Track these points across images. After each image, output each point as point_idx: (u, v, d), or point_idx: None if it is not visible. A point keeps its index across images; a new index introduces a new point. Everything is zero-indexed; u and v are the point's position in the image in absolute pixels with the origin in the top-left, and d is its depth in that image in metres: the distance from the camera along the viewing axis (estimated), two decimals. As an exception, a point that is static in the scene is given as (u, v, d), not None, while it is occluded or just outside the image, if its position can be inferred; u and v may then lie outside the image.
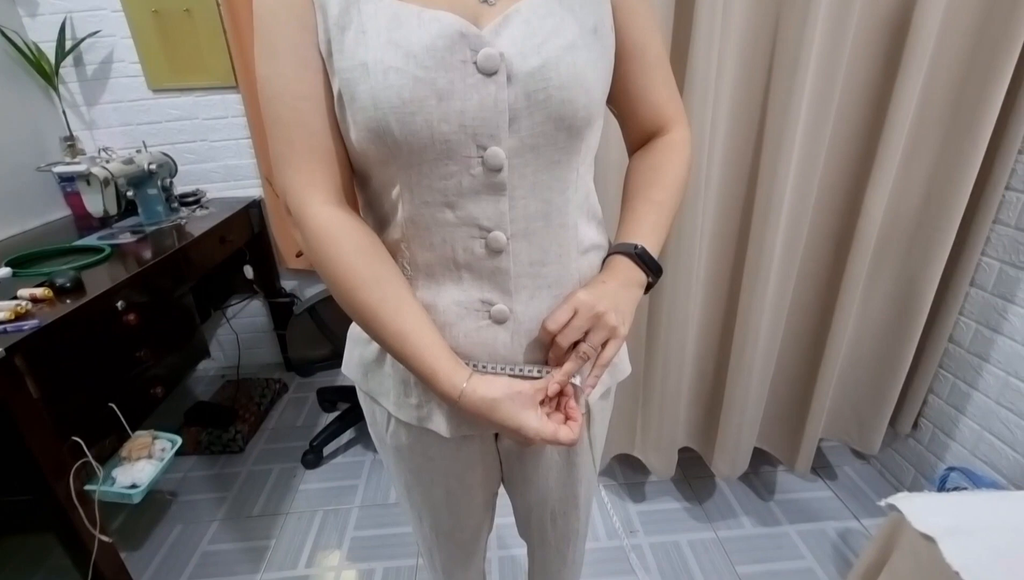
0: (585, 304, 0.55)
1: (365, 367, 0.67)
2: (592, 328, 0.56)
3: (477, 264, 0.55)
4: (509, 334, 0.58)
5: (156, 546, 1.52)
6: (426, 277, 0.57)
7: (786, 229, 1.15)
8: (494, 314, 0.57)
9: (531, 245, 0.55)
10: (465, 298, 0.56)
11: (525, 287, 0.57)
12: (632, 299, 0.60)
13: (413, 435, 0.67)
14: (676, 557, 1.43)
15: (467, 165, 0.51)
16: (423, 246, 0.56)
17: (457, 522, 0.78)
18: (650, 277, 0.61)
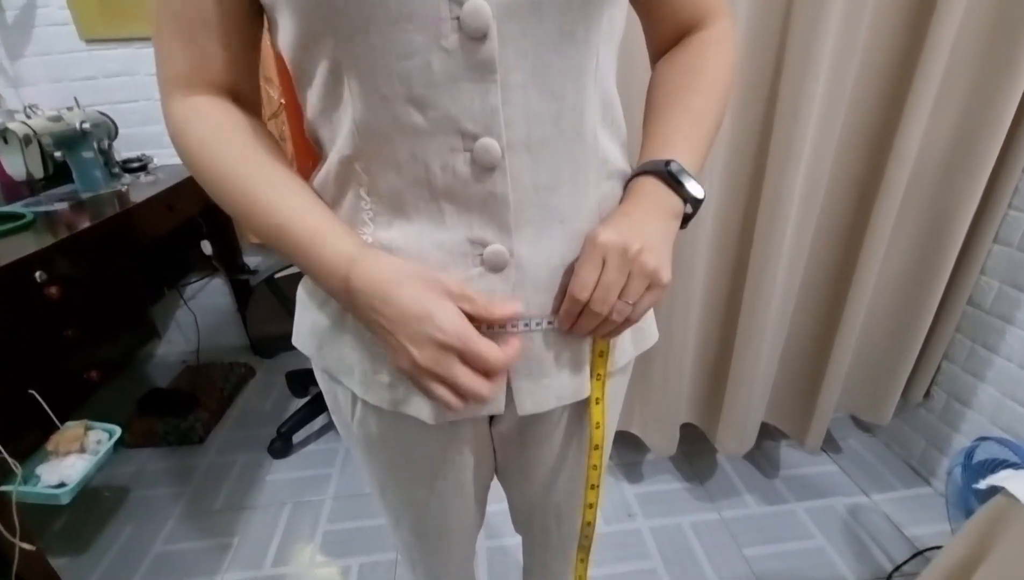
0: (614, 247, 0.41)
1: (319, 337, 0.52)
2: (630, 275, 0.42)
3: (462, 189, 0.41)
4: (510, 285, 0.44)
5: (103, 549, 1.37)
6: (393, 212, 0.43)
7: (806, 175, 1.02)
8: (488, 258, 0.43)
9: (536, 161, 0.41)
10: (448, 238, 0.43)
11: (530, 222, 0.43)
12: (667, 233, 0.45)
13: (386, 423, 0.53)
14: (679, 541, 1.33)
15: (436, 32, 0.36)
16: (385, 166, 0.41)
17: (442, 525, 0.64)
18: (687, 206, 0.47)
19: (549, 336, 0.47)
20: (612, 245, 0.42)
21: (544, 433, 0.57)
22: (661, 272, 0.43)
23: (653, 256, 0.42)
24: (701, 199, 0.46)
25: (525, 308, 0.45)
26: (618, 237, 0.42)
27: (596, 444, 0.53)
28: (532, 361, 0.47)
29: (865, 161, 1.06)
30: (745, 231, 1.13)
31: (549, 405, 0.50)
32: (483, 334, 0.42)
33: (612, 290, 0.42)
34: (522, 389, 0.48)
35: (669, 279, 0.44)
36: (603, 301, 0.42)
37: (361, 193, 0.43)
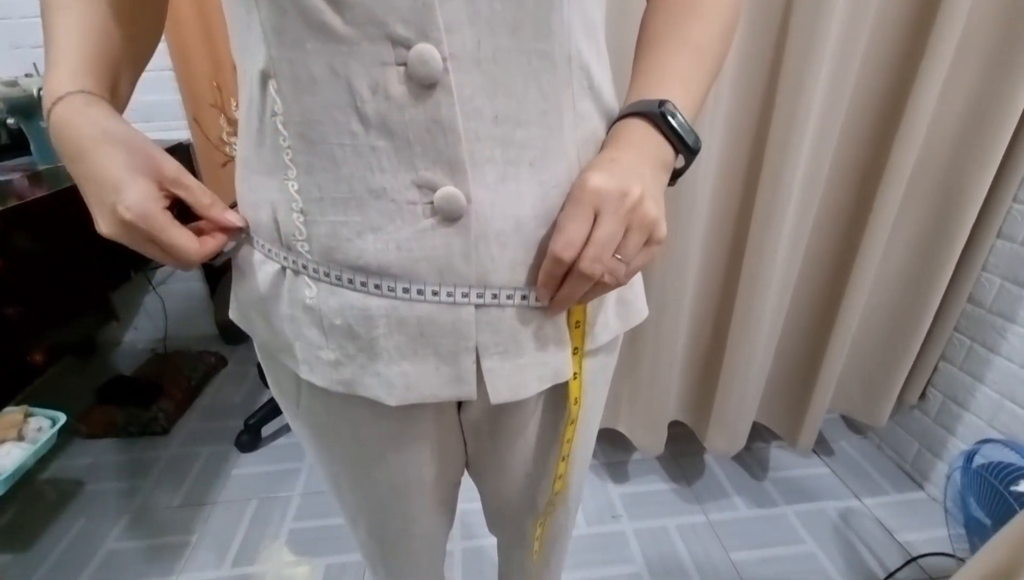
0: (610, 194, 0.34)
1: (255, 306, 0.44)
2: (628, 228, 0.35)
3: (398, 116, 0.33)
4: (468, 239, 0.36)
5: (50, 546, 1.27)
6: (313, 149, 0.35)
7: (808, 159, 0.96)
8: (440, 205, 0.35)
9: (492, 81, 0.34)
10: (390, 184, 0.35)
11: (490, 160, 0.35)
12: (659, 182, 0.38)
13: (335, 409, 0.46)
14: (664, 544, 1.26)
15: None
16: (300, 86, 0.34)
17: (404, 526, 0.57)
18: (680, 154, 0.40)
19: (524, 309, 0.40)
20: (608, 191, 0.34)
21: (520, 421, 0.50)
22: (660, 225, 0.36)
23: (654, 204, 0.35)
24: (696, 150, 0.39)
25: (492, 269, 0.37)
26: (614, 182, 0.34)
27: (572, 419, 0.47)
28: (505, 336, 0.40)
29: (870, 147, 1.00)
30: (742, 218, 1.06)
31: (529, 390, 0.42)
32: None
33: (608, 247, 0.35)
34: (495, 371, 0.41)
35: (664, 232, 0.37)
36: (596, 260, 0.35)
37: (278, 125, 0.36)
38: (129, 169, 0.35)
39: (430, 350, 0.39)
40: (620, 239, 0.35)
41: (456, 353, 0.39)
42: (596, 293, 0.38)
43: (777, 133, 0.94)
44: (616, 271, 0.36)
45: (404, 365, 0.40)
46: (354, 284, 0.37)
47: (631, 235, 0.35)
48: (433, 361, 0.40)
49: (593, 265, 0.35)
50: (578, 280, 0.36)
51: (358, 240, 0.36)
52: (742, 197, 1.05)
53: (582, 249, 0.35)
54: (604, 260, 0.35)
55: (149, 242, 0.37)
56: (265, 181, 0.39)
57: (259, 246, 0.42)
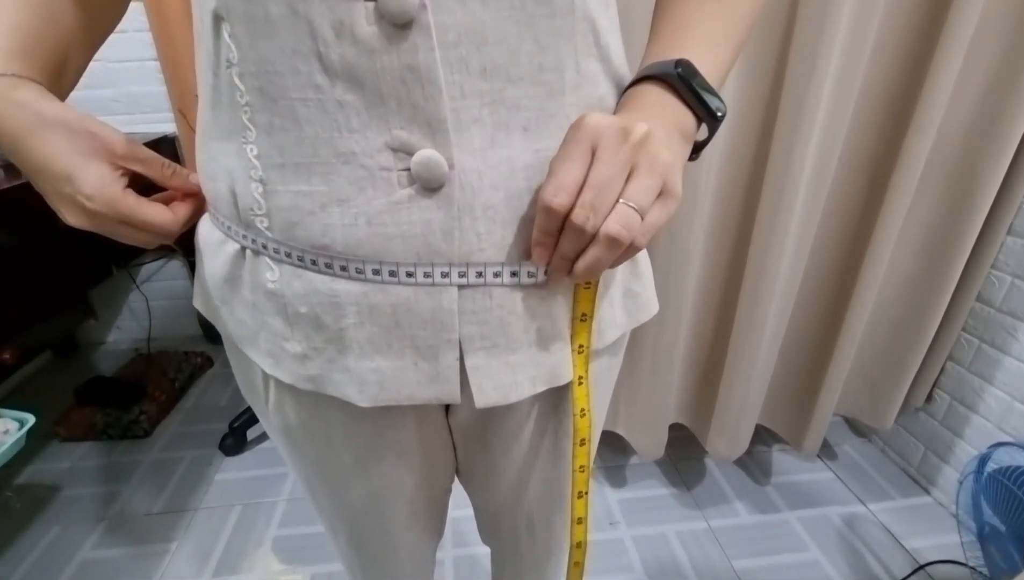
0: (609, 128, 0.29)
1: (216, 293, 0.40)
2: (632, 170, 0.29)
3: (367, 64, 0.28)
4: (450, 213, 0.31)
5: (23, 554, 1.21)
6: (269, 103, 0.30)
7: (816, 153, 0.92)
8: (418, 171, 0.30)
9: (479, 25, 0.29)
10: (360, 146, 0.30)
11: (477, 120, 0.30)
12: (677, 148, 0.33)
13: (306, 408, 0.41)
14: (664, 551, 1.22)
15: None
16: (254, 28, 0.29)
17: (385, 538, 0.52)
18: (702, 121, 0.35)
19: (515, 293, 0.35)
20: (607, 126, 0.29)
21: (513, 426, 0.45)
22: (675, 175, 0.30)
23: (666, 149, 0.30)
24: (721, 116, 0.34)
25: (477, 249, 0.33)
26: (614, 119, 0.29)
27: (583, 438, 0.41)
28: (493, 328, 0.35)
29: (881, 139, 0.96)
30: (746, 213, 1.02)
31: (521, 392, 0.38)
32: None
33: (607, 190, 0.28)
34: (480, 370, 0.36)
35: (681, 191, 0.32)
36: (593, 207, 0.28)
37: (234, 78, 0.31)
38: (76, 154, 0.33)
39: (407, 343, 0.35)
40: (622, 183, 0.29)
41: (436, 347, 0.35)
42: (608, 257, 0.30)
43: (784, 123, 0.90)
44: (628, 220, 0.29)
45: (377, 360, 0.35)
46: (319, 265, 0.33)
47: (638, 176, 0.29)
48: (411, 356, 0.35)
49: (588, 214, 0.28)
50: (574, 235, 0.29)
51: (323, 214, 0.32)
52: (747, 190, 1.00)
53: (578, 195, 0.29)
54: (603, 206, 0.28)
55: (121, 225, 0.35)
56: (223, 147, 0.34)
57: (219, 223, 0.37)
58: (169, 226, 0.36)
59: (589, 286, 0.36)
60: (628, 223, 0.29)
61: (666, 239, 1.00)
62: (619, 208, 0.29)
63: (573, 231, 0.29)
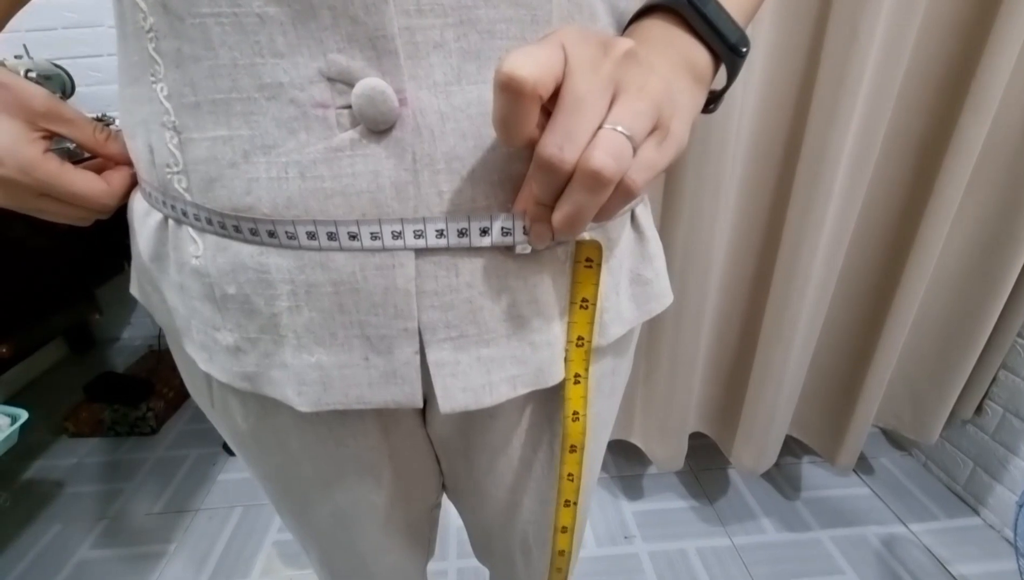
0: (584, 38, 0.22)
1: (144, 274, 0.34)
2: (615, 94, 0.22)
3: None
4: (405, 160, 0.25)
5: (22, 552, 1.19)
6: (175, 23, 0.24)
7: (857, 136, 0.83)
8: (361, 107, 0.24)
9: None
10: (285, 73, 0.24)
11: (439, 45, 0.24)
12: (685, 90, 0.26)
13: (253, 411, 0.35)
14: (683, 568, 1.13)
15: None
16: None
17: (360, 562, 0.46)
18: (717, 56, 0.27)
19: (490, 264, 0.28)
20: (580, 34, 0.22)
21: (499, 438, 0.38)
22: (675, 110, 0.23)
23: (657, 77, 0.23)
24: (741, 50, 0.27)
25: (438, 206, 0.26)
26: (592, 31, 0.23)
27: (573, 444, 0.34)
28: (460, 314, 0.29)
29: (931, 121, 0.86)
30: (778, 202, 0.93)
31: (497, 395, 0.31)
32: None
33: (585, 110, 0.21)
34: (446, 367, 0.29)
35: (686, 136, 0.25)
36: (568, 132, 0.21)
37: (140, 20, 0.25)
38: None
39: (354, 333, 0.28)
40: (605, 105, 0.22)
41: (390, 338, 0.28)
42: (592, 200, 0.22)
43: (822, 101, 0.81)
44: (616, 148, 0.21)
45: (319, 354, 0.29)
46: (243, 233, 0.27)
47: (624, 98, 0.22)
48: (359, 349, 0.29)
49: (562, 141, 0.21)
50: (546, 172, 0.22)
51: (245, 165, 0.26)
52: (779, 177, 0.91)
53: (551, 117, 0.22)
54: (581, 131, 0.21)
55: (42, 198, 0.31)
56: (135, 92, 0.28)
57: (144, 192, 0.32)
58: (102, 198, 0.32)
59: (591, 264, 0.29)
60: (616, 152, 0.21)
61: (686, 230, 0.92)
62: (602, 133, 0.22)
63: (544, 164, 0.22)
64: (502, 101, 0.21)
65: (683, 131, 0.24)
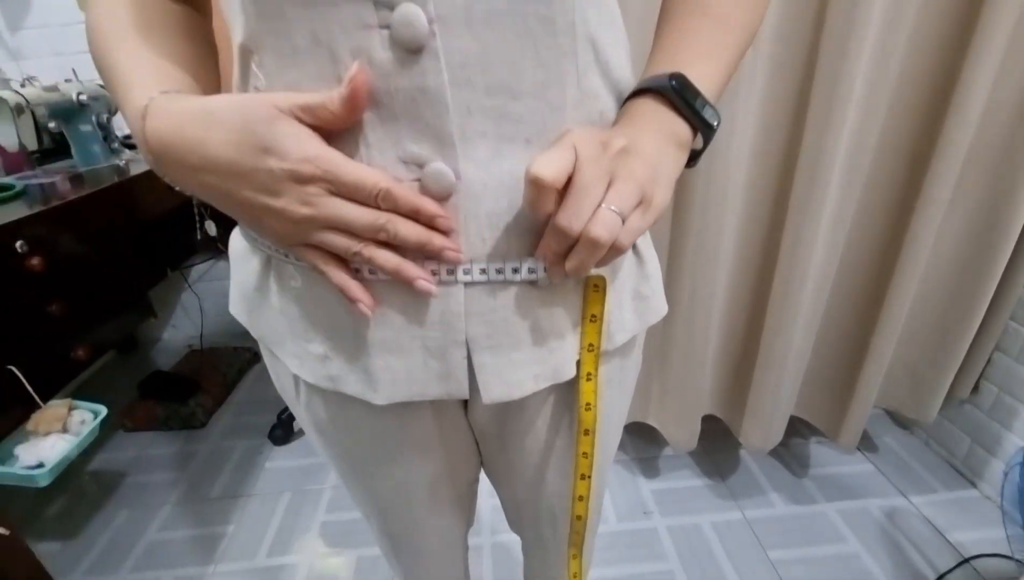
0: (589, 139, 0.31)
1: (248, 300, 0.43)
2: (611, 182, 0.31)
3: (382, 85, 0.31)
4: (459, 218, 0.34)
5: (96, 534, 1.32)
6: None
7: (851, 133, 0.91)
8: (428, 182, 0.32)
9: (484, 46, 0.31)
10: (373, 158, 0.33)
11: (482, 135, 0.32)
12: (668, 158, 0.35)
13: (332, 406, 0.45)
14: (698, 541, 1.23)
15: None
16: (282, 58, 0.32)
17: (414, 526, 0.56)
18: (698, 131, 0.36)
19: (520, 295, 0.37)
20: (586, 137, 0.31)
21: (525, 422, 0.47)
22: (656, 187, 0.33)
23: (643, 162, 0.32)
24: (714, 126, 0.36)
25: (483, 250, 0.35)
26: (596, 131, 0.32)
27: (586, 428, 0.44)
28: (497, 327, 0.37)
29: (921, 122, 0.94)
30: (779, 200, 1.02)
31: (524, 389, 0.40)
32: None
33: (588, 194, 0.30)
34: (486, 367, 0.38)
35: (663, 201, 0.34)
36: (576, 211, 0.30)
37: None
38: (259, 122, 0.29)
39: (417, 344, 0.37)
40: (603, 190, 0.31)
41: (445, 347, 0.37)
42: (592, 256, 0.32)
43: (817, 107, 0.89)
44: (609, 224, 0.30)
45: (390, 359, 0.38)
46: None
47: (617, 184, 0.31)
48: (420, 355, 0.38)
49: (571, 217, 0.30)
50: (561, 236, 0.31)
51: None
52: (779, 176, 1.00)
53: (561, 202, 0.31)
54: (585, 210, 0.30)
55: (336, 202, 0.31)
56: None
57: (247, 235, 0.41)
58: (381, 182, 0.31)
59: (598, 289, 0.38)
60: (609, 226, 0.31)
61: (697, 228, 1.01)
62: (600, 212, 0.31)
63: (559, 232, 0.31)
64: (531, 191, 0.30)
65: (665, 197, 0.33)
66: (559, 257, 0.33)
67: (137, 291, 1.37)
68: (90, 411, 1.07)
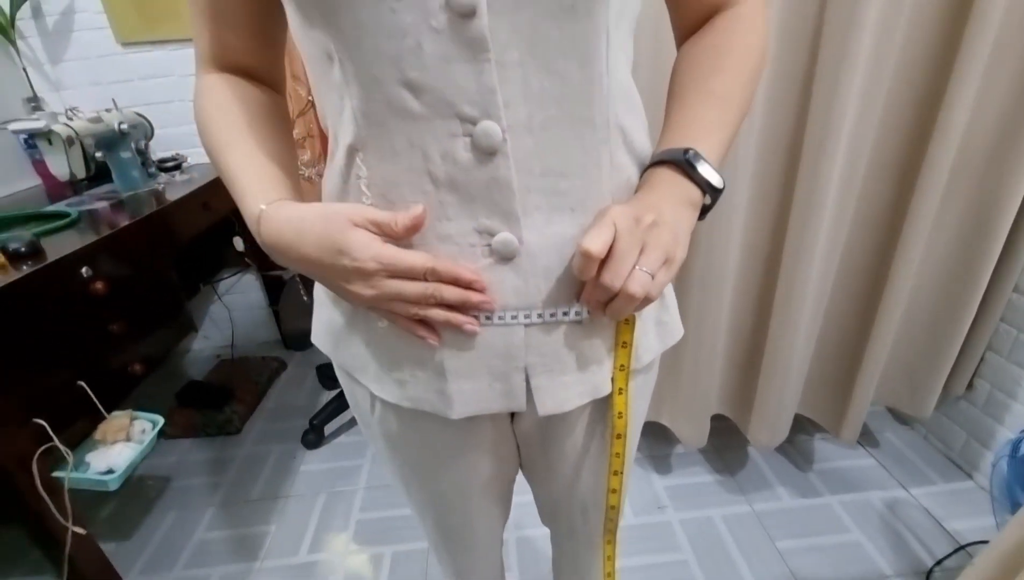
0: (624, 216, 0.39)
1: (335, 335, 0.52)
2: (643, 249, 0.40)
3: (464, 177, 0.39)
4: (521, 274, 0.42)
5: (148, 535, 1.42)
6: (390, 204, 0.41)
7: (845, 154, 0.99)
8: (497, 247, 0.41)
9: (542, 145, 0.39)
10: (455, 230, 0.41)
11: (538, 208, 0.41)
12: (682, 218, 0.43)
13: (405, 420, 0.53)
14: (710, 533, 1.31)
15: (424, 11, 0.35)
16: (384, 156, 0.40)
17: (467, 520, 0.65)
18: (707, 195, 0.44)
19: (567, 331, 0.46)
20: (623, 214, 0.39)
21: (566, 429, 0.56)
22: (677, 248, 0.41)
23: (667, 231, 0.40)
24: (720, 189, 0.45)
25: (539, 299, 0.44)
26: (629, 208, 0.40)
27: (619, 433, 0.53)
28: (550, 357, 0.46)
29: (908, 141, 1.03)
30: (780, 215, 1.10)
31: (571, 403, 0.49)
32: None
33: (625, 259, 0.39)
34: (542, 387, 0.47)
35: (682, 257, 0.42)
36: (616, 273, 0.39)
37: (362, 187, 0.42)
38: (337, 232, 0.39)
39: (485, 370, 0.46)
40: (637, 255, 0.39)
41: (508, 372, 0.46)
42: (629, 306, 0.41)
43: (814, 130, 0.98)
44: (642, 281, 0.39)
45: (463, 383, 0.46)
46: None
47: (648, 250, 0.39)
48: (487, 379, 0.46)
49: (613, 277, 0.39)
50: (604, 290, 0.40)
51: None
52: (780, 195, 1.08)
53: (603, 263, 0.39)
54: (622, 271, 0.39)
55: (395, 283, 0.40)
56: None
57: None
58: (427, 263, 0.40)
59: (629, 323, 0.47)
60: (642, 283, 0.39)
61: (705, 243, 1.09)
62: (635, 273, 0.39)
63: (603, 287, 0.40)
64: (580, 261, 0.39)
65: (683, 253, 0.42)
66: (601, 305, 0.42)
67: (179, 307, 1.46)
68: (149, 421, 1.17)
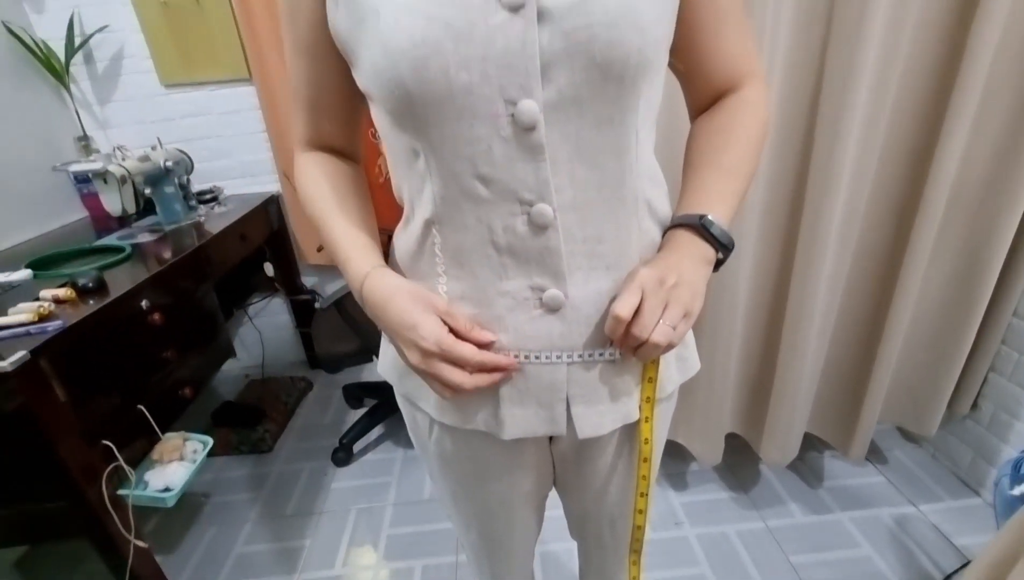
0: (651, 278, 0.48)
1: (400, 368, 0.60)
2: (666, 306, 0.48)
3: (521, 245, 0.49)
4: (565, 322, 0.51)
5: (191, 549, 1.50)
6: (461, 266, 0.51)
7: (848, 189, 1.07)
8: (547, 301, 0.50)
9: (584, 219, 0.49)
10: (512, 287, 0.50)
11: (580, 268, 0.50)
12: (701, 274, 0.52)
13: (460, 440, 0.62)
14: (725, 548, 1.37)
15: (495, 125, 0.44)
16: (457, 228, 0.50)
17: (508, 530, 0.73)
18: (719, 252, 0.53)
19: (603, 368, 0.54)
20: (650, 277, 0.48)
21: (598, 451, 0.64)
22: (695, 303, 0.49)
23: (687, 289, 0.49)
24: (732, 247, 0.53)
25: (580, 342, 0.52)
26: (655, 271, 0.49)
27: (645, 457, 0.61)
28: (588, 390, 0.55)
29: (906, 175, 1.10)
30: (787, 247, 1.18)
31: (605, 428, 0.57)
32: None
33: (651, 315, 0.47)
34: (580, 415, 0.56)
35: (700, 308, 0.50)
36: (644, 327, 0.47)
37: (436, 250, 0.52)
38: (417, 311, 0.49)
39: (533, 400, 0.55)
40: (661, 311, 0.47)
41: (552, 402, 0.55)
42: (655, 352, 0.49)
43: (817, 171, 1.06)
44: (666, 333, 0.47)
45: (514, 410, 0.55)
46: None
47: (671, 307, 0.48)
48: (534, 407, 0.55)
49: (642, 330, 0.47)
50: (634, 340, 0.48)
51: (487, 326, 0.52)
52: (786, 230, 1.16)
53: (633, 318, 0.47)
54: (649, 326, 0.47)
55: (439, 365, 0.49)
56: (421, 284, 0.54)
57: None
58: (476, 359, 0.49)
59: (654, 362, 0.56)
60: (666, 334, 0.47)
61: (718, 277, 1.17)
62: (660, 326, 0.47)
63: (633, 338, 0.48)
64: (612, 322, 0.48)
65: (700, 306, 0.50)
66: (631, 349, 0.51)
67: (221, 333, 1.56)
68: (200, 441, 1.26)
